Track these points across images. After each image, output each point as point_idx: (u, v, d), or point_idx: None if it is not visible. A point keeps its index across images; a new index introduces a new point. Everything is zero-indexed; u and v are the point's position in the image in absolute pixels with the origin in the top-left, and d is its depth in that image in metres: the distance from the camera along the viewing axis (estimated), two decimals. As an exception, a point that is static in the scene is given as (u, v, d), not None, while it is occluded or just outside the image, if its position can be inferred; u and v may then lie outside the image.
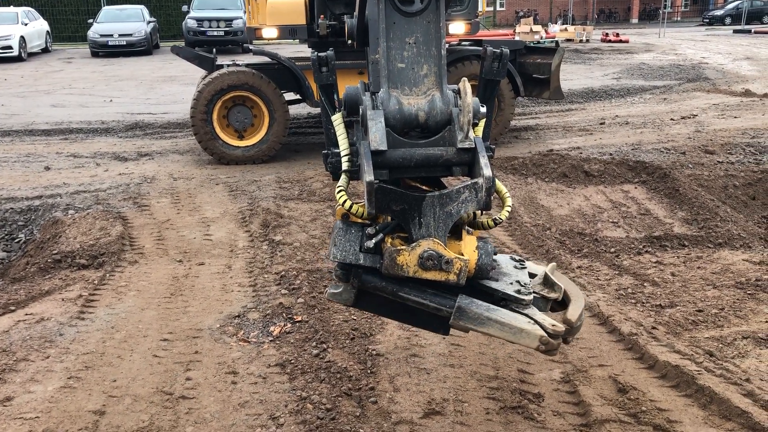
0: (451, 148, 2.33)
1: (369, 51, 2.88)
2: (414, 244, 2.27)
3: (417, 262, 2.27)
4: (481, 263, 2.40)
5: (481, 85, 2.67)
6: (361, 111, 2.42)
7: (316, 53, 2.54)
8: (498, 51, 2.58)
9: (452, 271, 2.27)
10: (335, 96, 2.60)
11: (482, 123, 2.55)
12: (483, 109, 2.50)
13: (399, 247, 2.30)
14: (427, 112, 2.37)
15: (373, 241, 2.37)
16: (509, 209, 2.55)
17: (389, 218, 2.45)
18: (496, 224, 2.57)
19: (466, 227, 2.53)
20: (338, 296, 2.53)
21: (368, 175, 2.18)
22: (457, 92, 2.37)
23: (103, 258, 5.63)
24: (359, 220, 2.55)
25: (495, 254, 2.49)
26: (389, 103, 2.36)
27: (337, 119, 2.55)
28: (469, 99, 2.23)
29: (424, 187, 2.51)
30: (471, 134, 2.31)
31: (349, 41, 3.45)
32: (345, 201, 2.40)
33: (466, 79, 2.28)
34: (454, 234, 2.44)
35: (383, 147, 2.24)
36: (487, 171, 2.23)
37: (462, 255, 2.35)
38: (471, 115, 2.26)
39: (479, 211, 2.48)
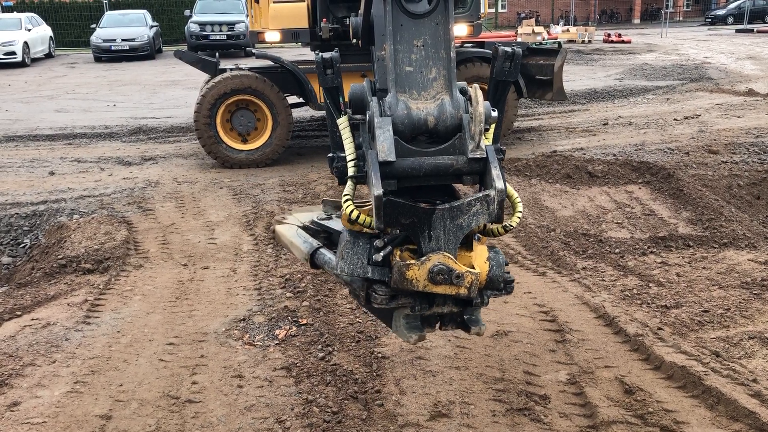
0: (461, 157, 2.25)
1: (374, 48, 2.84)
2: (423, 258, 2.20)
3: (427, 277, 2.20)
4: (492, 275, 2.34)
5: (491, 87, 2.60)
6: (368, 116, 2.35)
7: (320, 54, 2.47)
8: (510, 50, 2.49)
9: (463, 285, 2.21)
10: (341, 99, 2.54)
11: (492, 125, 2.48)
12: (494, 114, 2.42)
13: (408, 262, 2.23)
14: (437, 117, 2.29)
15: (382, 254, 2.30)
16: (520, 215, 2.48)
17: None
18: (506, 231, 2.51)
19: (477, 234, 2.48)
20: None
21: (377, 189, 2.12)
22: (468, 98, 2.30)
23: (108, 262, 5.64)
24: (366, 230, 2.52)
25: (507, 264, 2.44)
26: (397, 108, 2.29)
27: (342, 123, 2.49)
28: (481, 108, 2.17)
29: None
30: (482, 143, 2.24)
31: (354, 40, 3.41)
32: (352, 211, 2.34)
33: (477, 85, 2.22)
34: (464, 244, 2.39)
35: (391, 158, 2.17)
36: (499, 183, 2.17)
37: (473, 267, 2.30)
38: (483, 125, 2.19)
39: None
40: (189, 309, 4.78)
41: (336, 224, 2.89)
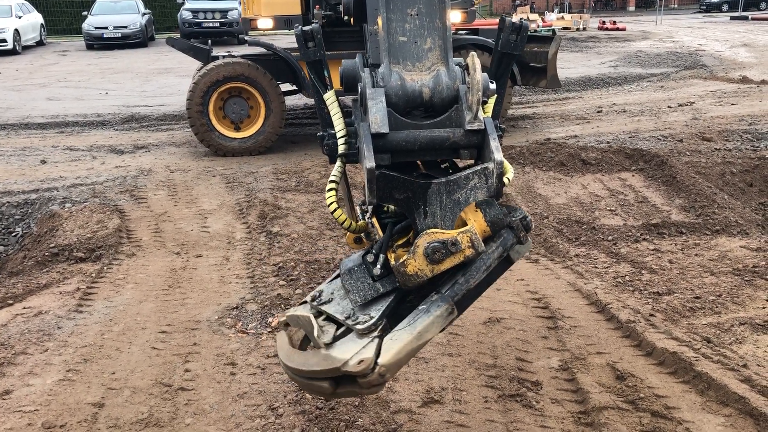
0: (458, 130, 2.15)
1: (367, 24, 2.77)
2: (413, 248, 2.11)
3: (427, 262, 2.10)
4: (490, 219, 2.19)
5: (495, 60, 2.50)
6: (359, 89, 2.25)
7: (300, 27, 2.36)
8: (517, 23, 2.40)
9: (464, 248, 2.10)
10: (326, 73, 2.43)
11: (492, 100, 2.38)
12: (492, 86, 2.32)
13: (402, 258, 2.12)
14: (432, 89, 2.19)
15: (379, 265, 2.21)
16: (508, 180, 2.34)
17: (380, 232, 2.30)
18: None
19: None
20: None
21: (369, 162, 2.02)
22: (465, 68, 2.20)
23: (101, 251, 5.62)
24: (360, 236, 2.44)
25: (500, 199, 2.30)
26: (390, 79, 2.18)
27: (329, 97, 2.39)
28: (479, 76, 2.07)
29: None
30: (480, 114, 2.14)
31: (346, 17, 3.32)
32: (336, 210, 2.27)
33: (475, 53, 2.12)
34: None
35: (385, 129, 2.07)
36: (497, 155, 2.07)
37: (465, 225, 2.16)
38: (480, 93, 2.09)
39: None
40: (182, 297, 4.78)
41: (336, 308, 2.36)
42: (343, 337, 2.23)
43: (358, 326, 2.18)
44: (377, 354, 2.09)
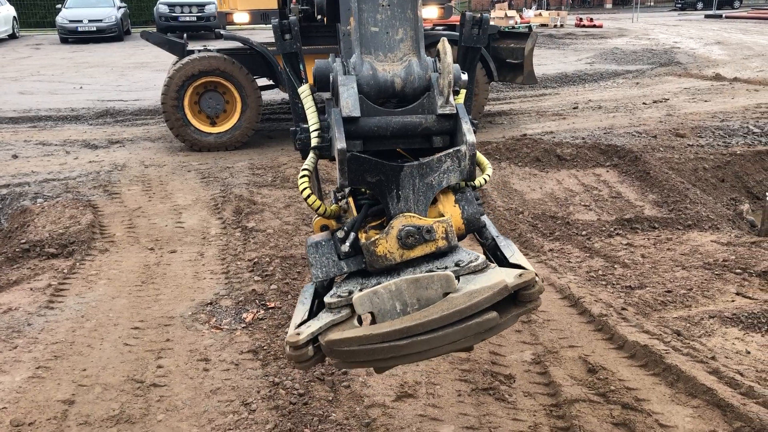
0: (430, 116, 2.16)
1: (340, 24, 2.76)
2: (386, 228, 2.06)
3: (398, 245, 2.04)
4: (467, 216, 2.19)
5: (460, 54, 2.53)
6: (331, 78, 2.24)
7: (277, 20, 2.38)
8: (477, 16, 2.44)
9: (437, 237, 2.05)
10: (301, 66, 2.44)
11: (462, 93, 2.41)
12: (464, 77, 2.35)
13: (374, 238, 2.06)
14: (404, 79, 2.20)
15: (348, 243, 2.12)
16: (488, 177, 2.38)
17: (354, 213, 2.25)
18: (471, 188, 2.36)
19: None
20: None
21: (340, 143, 1.99)
22: (436, 54, 2.21)
23: (73, 247, 5.54)
24: (327, 224, 2.37)
25: (478, 200, 2.29)
26: (362, 69, 2.19)
27: (304, 91, 2.38)
28: (449, 59, 2.07)
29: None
30: (452, 99, 2.14)
31: (319, 16, 3.32)
32: (305, 189, 2.23)
33: (445, 38, 2.12)
34: None
35: (356, 113, 2.06)
36: (470, 137, 2.06)
37: (442, 216, 2.14)
38: (452, 77, 2.10)
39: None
40: (155, 293, 4.73)
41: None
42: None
43: (473, 264, 2.04)
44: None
